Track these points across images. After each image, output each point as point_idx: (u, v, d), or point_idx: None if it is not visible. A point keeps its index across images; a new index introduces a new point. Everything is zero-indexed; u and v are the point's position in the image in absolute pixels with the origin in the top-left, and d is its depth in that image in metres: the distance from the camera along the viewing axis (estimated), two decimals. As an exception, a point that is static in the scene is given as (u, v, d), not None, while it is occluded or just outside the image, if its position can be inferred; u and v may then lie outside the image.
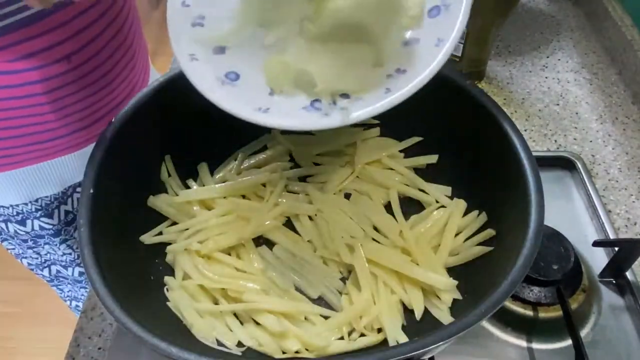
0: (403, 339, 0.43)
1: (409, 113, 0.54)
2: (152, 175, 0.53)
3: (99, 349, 0.49)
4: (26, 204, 0.65)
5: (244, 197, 0.54)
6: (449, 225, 0.50)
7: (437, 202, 0.53)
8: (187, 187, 0.55)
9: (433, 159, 0.55)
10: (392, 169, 0.56)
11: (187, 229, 0.51)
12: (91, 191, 0.42)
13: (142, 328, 0.35)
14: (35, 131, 0.57)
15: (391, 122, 0.57)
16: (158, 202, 0.52)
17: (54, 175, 0.64)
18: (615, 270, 0.52)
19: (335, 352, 0.43)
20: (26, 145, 0.58)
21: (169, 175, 0.54)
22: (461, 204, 0.51)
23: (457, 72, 0.50)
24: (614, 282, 0.52)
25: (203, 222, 0.51)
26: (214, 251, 0.49)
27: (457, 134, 0.52)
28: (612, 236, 0.56)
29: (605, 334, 0.49)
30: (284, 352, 0.43)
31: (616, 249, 0.50)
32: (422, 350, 0.34)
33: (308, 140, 0.58)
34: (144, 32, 0.69)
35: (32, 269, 0.79)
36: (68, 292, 0.85)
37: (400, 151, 0.57)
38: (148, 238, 0.50)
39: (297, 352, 0.43)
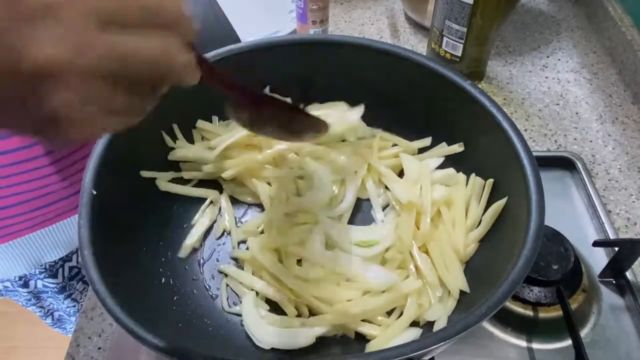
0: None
1: (409, 113, 0.54)
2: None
3: (99, 349, 0.49)
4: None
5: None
6: (457, 201, 0.49)
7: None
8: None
9: (427, 142, 0.56)
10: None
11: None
12: (92, 191, 0.42)
13: (142, 328, 0.35)
14: (36, 196, 0.55)
15: (390, 123, 0.57)
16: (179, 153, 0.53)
17: (59, 239, 0.61)
18: (615, 270, 0.52)
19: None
20: (27, 212, 0.56)
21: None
22: (461, 177, 0.51)
23: (457, 72, 0.50)
24: (614, 282, 0.52)
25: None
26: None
27: (457, 133, 0.52)
28: (612, 236, 0.55)
29: (605, 334, 0.49)
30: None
31: (616, 249, 0.50)
32: (422, 351, 0.34)
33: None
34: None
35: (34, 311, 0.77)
36: (70, 328, 0.83)
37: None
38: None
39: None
